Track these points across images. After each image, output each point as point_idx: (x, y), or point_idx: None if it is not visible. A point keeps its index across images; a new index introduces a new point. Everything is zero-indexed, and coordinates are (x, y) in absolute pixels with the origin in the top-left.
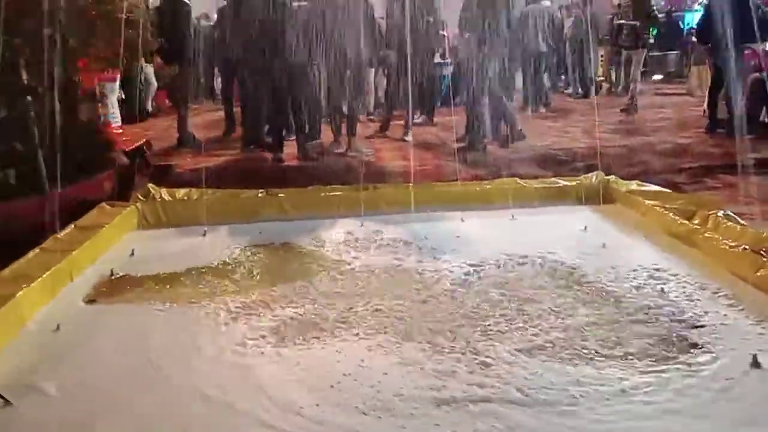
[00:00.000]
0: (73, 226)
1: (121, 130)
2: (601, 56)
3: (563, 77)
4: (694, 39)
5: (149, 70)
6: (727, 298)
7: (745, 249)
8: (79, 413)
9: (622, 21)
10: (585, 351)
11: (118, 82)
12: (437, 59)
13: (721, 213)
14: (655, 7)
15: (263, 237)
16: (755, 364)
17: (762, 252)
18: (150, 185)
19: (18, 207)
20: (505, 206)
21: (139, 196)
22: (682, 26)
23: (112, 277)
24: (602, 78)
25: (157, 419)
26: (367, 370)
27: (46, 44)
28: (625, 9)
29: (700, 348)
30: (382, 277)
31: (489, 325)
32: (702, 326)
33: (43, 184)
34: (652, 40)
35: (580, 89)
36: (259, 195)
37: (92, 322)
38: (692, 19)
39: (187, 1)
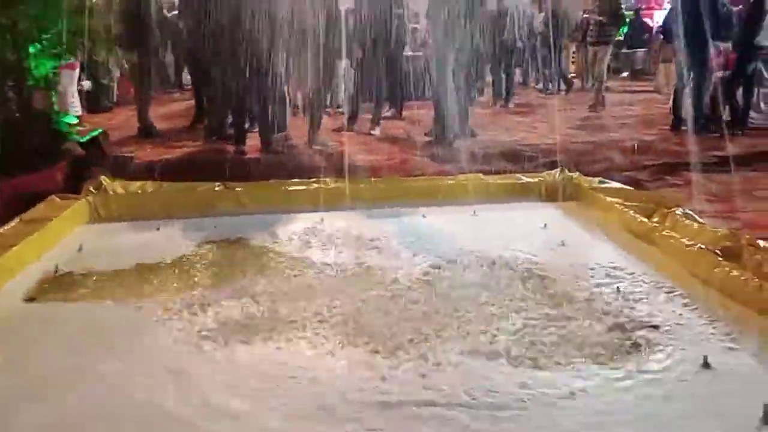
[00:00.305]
0: (18, 219)
1: (76, 120)
2: (574, 52)
3: (533, 73)
4: (661, 37)
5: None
6: (682, 298)
7: (701, 248)
8: None
9: (587, 16)
10: (534, 353)
11: (77, 71)
12: (408, 51)
13: (680, 211)
14: (623, 5)
15: (218, 232)
16: (706, 365)
17: (718, 251)
18: (103, 177)
19: None
20: (467, 202)
21: (91, 189)
22: (650, 24)
23: (56, 274)
24: (573, 74)
25: (85, 420)
26: (311, 372)
27: None
28: (594, 5)
29: (652, 348)
30: (336, 275)
31: (440, 326)
32: (655, 326)
33: None
34: (621, 38)
35: (550, 85)
36: (217, 188)
37: (27, 322)
38: (661, 17)
39: None
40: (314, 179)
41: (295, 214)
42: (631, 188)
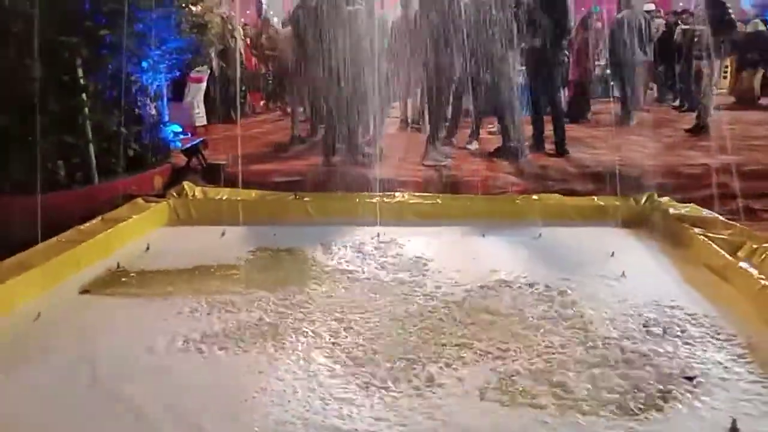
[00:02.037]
0: (99, 218)
1: (180, 129)
2: (726, 66)
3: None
4: None
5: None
6: (741, 348)
7: None
8: None
9: (687, 27)
10: (542, 397)
11: (204, 84)
12: None
13: None
14: (731, 11)
15: (276, 240)
16: (733, 429)
17: None
18: (186, 183)
19: (65, 197)
20: (535, 223)
21: (173, 193)
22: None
23: (117, 270)
24: (723, 90)
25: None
26: (285, 387)
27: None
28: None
29: (677, 404)
30: (363, 290)
31: (442, 355)
32: (690, 378)
33: (92, 176)
34: None
35: (686, 102)
36: (289, 198)
37: (71, 313)
38: None
39: None
40: (385, 193)
41: (356, 227)
42: (724, 219)
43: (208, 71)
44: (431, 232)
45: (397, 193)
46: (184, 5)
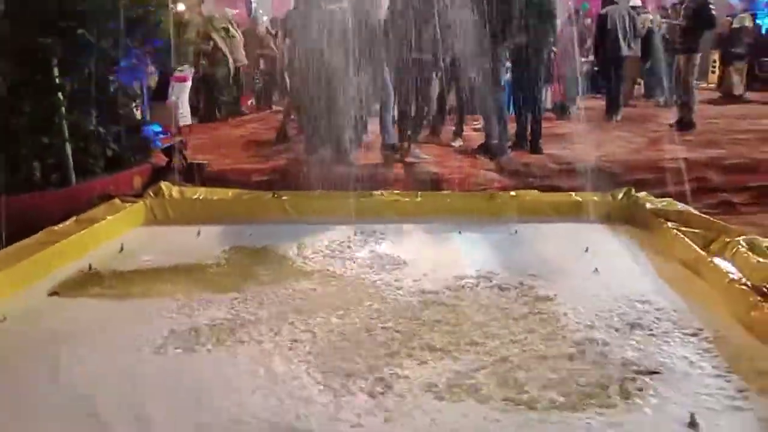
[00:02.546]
0: (74, 219)
1: (160, 129)
2: (714, 61)
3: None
4: None
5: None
6: (706, 342)
7: (746, 285)
8: None
9: (666, 21)
10: (507, 392)
11: (189, 83)
12: None
13: (745, 241)
14: (711, 5)
15: (251, 239)
16: (692, 424)
17: (765, 287)
18: (163, 183)
19: (41, 198)
20: (512, 220)
21: (150, 193)
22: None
23: (88, 271)
24: (712, 84)
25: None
26: (242, 386)
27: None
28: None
29: (641, 399)
30: (334, 289)
31: (407, 353)
32: (655, 372)
33: (69, 177)
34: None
35: (670, 98)
36: (267, 197)
37: (37, 315)
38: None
39: None
40: (360, 192)
41: (333, 225)
42: (700, 213)
43: (192, 70)
44: (408, 230)
45: (375, 191)
46: (162, 3)
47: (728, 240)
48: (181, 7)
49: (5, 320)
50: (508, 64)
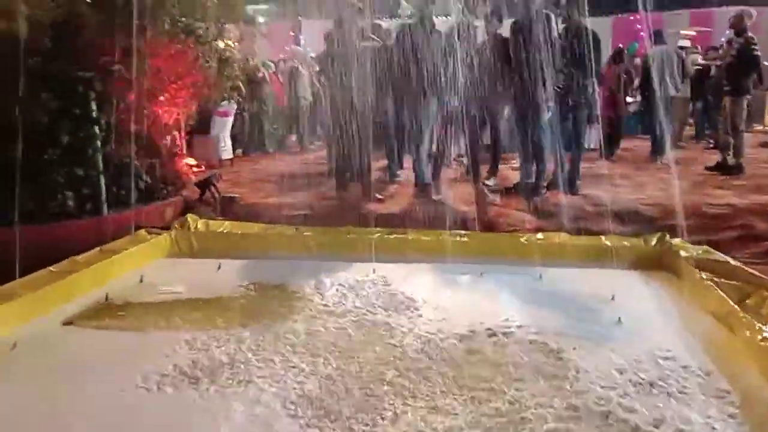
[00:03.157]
0: (98, 249)
1: (194, 162)
2: None
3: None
4: None
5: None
6: (732, 406)
7: None
8: None
9: (711, 62)
10: None
11: (231, 118)
12: None
13: None
14: (756, 47)
15: (270, 275)
16: None
17: None
18: (189, 215)
19: (72, 228)
20: (537, 263)
21: (176, 225)
22: None
23: (104, 302)
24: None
25: None
26: (230, 427)
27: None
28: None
29: None
30: (341, 331)
31: (399, 407)
32: None
33: (101, 208)
34: None
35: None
36: (289, 232)
37: (47, 344)
38: None
39: None
40: (386, 228)
41: (352, 263)
42: (737, 263)
43: (235, 106)
44: (428, 270)
45: (399, 229)
46: (203, 41)
47: (767, 294)
48: (228, 43)
49: (15, 347)
50: (550, 103)
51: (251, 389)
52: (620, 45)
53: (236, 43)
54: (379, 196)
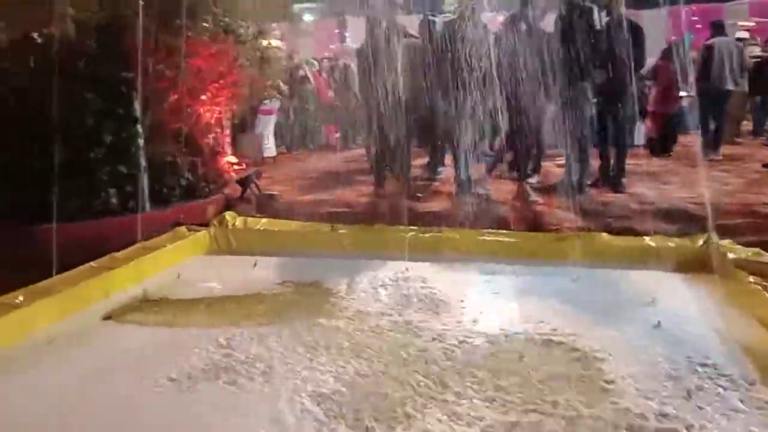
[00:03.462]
0: (138, 245)
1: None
2: None
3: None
4: None
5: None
6: None
7: None
8: None
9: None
10: None
11: (274, 116)
12: None
13: None
14: None
15: (304, 273)
16: None
17: None
18: (227, 212)
19: (116, 224)
20: (576, 264)
21: (215, 222)
22: None
23: (142, 298)
24: None
25: None
26: (247, 428)
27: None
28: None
29: None
30: (370, 330)
31: (421, 410)
32: None
33: (143, 205)
34: None
35: None
36: (325, 230)
37: (87, 338)
38: None
39: None
40: (421, 227)
41: (386, 261)
42: None
43: (278, 104)
44: (463, 269)
45: (434, 227)
46: (243, 40)
47: None
48: (269, 42)
49: (53, 342)
50: (592, 99)
51: (279, 387)
52: (674, 37)
53: (279, 42)
54: (419, 194)
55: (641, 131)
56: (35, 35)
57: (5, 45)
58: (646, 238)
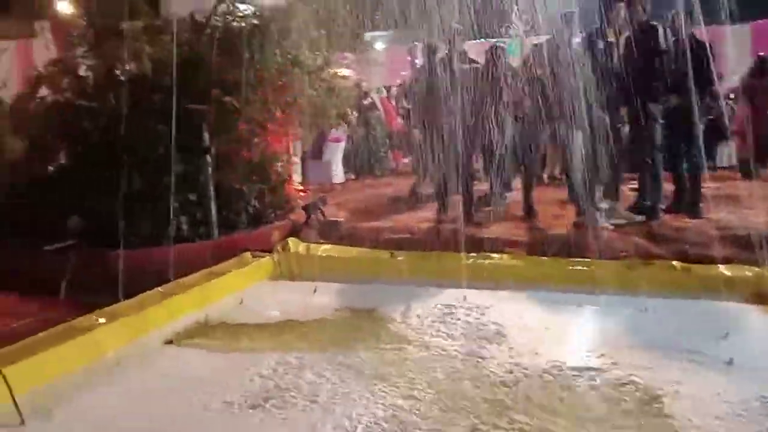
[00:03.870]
0: (205, 271)
1: (301, 187)
2: None
3: None
4: None
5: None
6: None
7: None
8: None
9: None
10: None
11: (343, 144)
12: None
13: None
14: None
15: (362, 299)
16: None
17: None
18: (291, 238)
19: (185, 250)
20: (645, 294)
21: (279, 248)
22: None
23: (203, 323)
24: None
25: None
26: None
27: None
28: None
29: None
30: (424, 360)
31: None
32: None
33: (212, 232)
34: None
35: None
36: (384, 257)
37: (149, 362)
38: None
39: None
40: (479, 254)
41: (444, 289)
42: None
43: (346, 132)
44: (522, 299)
45: (495, 254)
46: (309, 71)
47: None
48: (336, 72)
49: (119, 364)
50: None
51: (328, 413)
52: (761, 54)
53: (347, 71)
54: (480, 220)
55: (724, 152)
56: (117, 72)
57: (92, 84)
58: (721, 267)
